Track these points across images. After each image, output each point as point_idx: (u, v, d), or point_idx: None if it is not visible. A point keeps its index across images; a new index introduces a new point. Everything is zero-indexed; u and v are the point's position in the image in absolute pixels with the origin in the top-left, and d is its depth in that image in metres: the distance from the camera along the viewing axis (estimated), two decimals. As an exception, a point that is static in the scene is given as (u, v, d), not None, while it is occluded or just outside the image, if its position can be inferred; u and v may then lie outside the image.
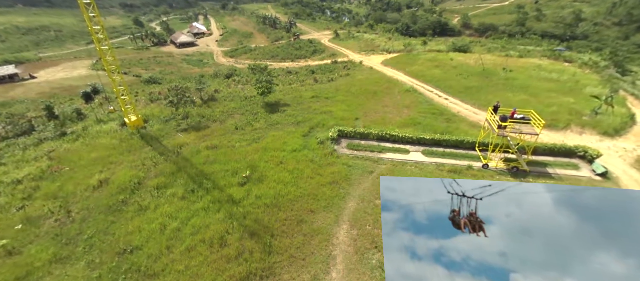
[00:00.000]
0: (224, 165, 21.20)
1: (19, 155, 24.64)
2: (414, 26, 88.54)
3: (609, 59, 46.79)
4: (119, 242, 15.16)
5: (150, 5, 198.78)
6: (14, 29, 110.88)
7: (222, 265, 13.48)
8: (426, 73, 42.82)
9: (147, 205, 17.71)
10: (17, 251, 15.06)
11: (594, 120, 27.05)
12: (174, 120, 29.69)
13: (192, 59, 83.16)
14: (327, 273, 13.12)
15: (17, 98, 47.96)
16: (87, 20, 23.48)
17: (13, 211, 17.81)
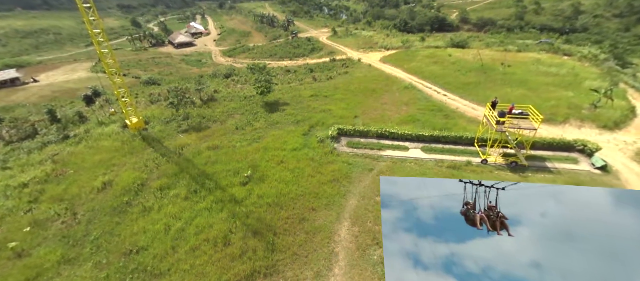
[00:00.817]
0: (226, 165, 21.47)
1: (23, 159, 24.96)
2: (412, 22, 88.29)
3: (608, 51, 46.73)
4: (125, 243, 15.47)
5: (147, 5, 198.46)
6: (13, 32, 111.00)
7: (227, 263, 13.79)
8: (425, 69, 42.91)
9: (151, 206, 18.01)
10: (27, 253, 15.40)
11: (594, 114, 27.15)
12: (175, 121, 29.94)
13: (190, 59, 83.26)
14: (329, 270, 13.41)
15: (19, 102, 48.27)
16: (87, 24, 23.66)
17: (21, 215, 18.16)
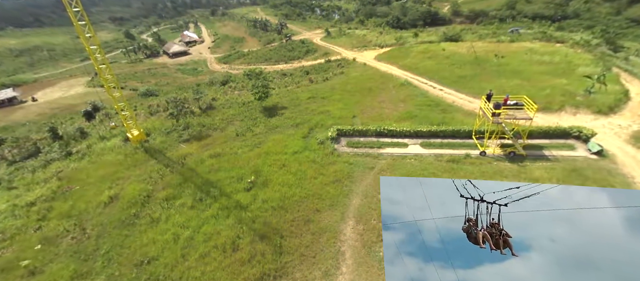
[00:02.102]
0: (229, 172, 21.78)
1: (28, 177, 25.22)
2: (404, 18, 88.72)
3: (600, 36, 47.25)
4: (135, 254, 15.77)
5: (139, 17, 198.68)
6: (7, 51, 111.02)
7: (237, 268, 14.11)
8: (419, 65, 43.32)
9: (159, 217, 18.31)
10: (40, 271, 15.68)
11: (588, 100, 27.57)
12: (176, 132, 30.23)
13: (186, 68, 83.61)
14: (337, 269, 13.75)
15: (18, 121, 48.53)
16: (84, 41, 23.93)
17: (31, 233, 18.44)
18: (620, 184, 17.65)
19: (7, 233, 18.85)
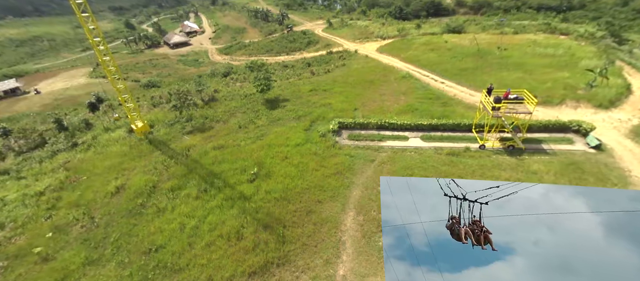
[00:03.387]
0: (232, 164, 22.22)
1: (36, 168, 25.80)
2: (407, 9, 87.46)
3: (605, 29, 46.67)
4: (143, 242, 16.38)
5: (139, 6, 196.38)
6: (8, 41, 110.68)
7: (241, 256, 14.68)
8: (421, 58, 43.16)
9: (165, 207, 18.87)
10: (52, 257, 16.34)
11: (589, 94, 27.60)
12: (179, 123, 30.60)
13: (187, 59, 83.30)
14: (338, 257, 14.29)
15: (23, 112, 48.93)
16: (88, 33, 24.06)
17: (42, 221, 19.07)
18: (617, 178, 17.99)
19: (19, 221, 19.49)
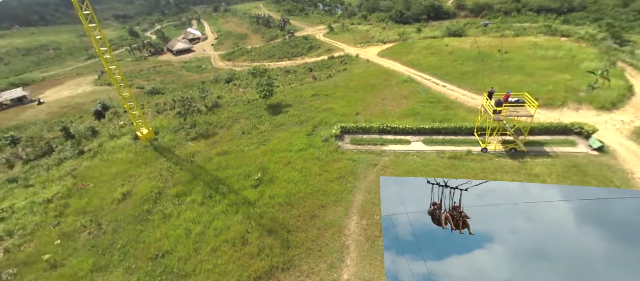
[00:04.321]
0: (236, 170, 22.49)
1: (44, 175, 26.24)
2: (407, 12, 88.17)
3: (606, 30, 46.72)
4: (150, 248, 16.61)
5: (142, 14, 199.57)
6: (14, 50, 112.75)
7: (246, 261, 14.86)
8: (422, 61, 43.43)
9: (171, 213, 19.12)
10: (60, 264, 16.61)
11: (591, 96, 27.63)
12: (183, 130, 30.99)
13: (190, 66, 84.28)
14: (342, 261, 14.42)
15: (30, 120, 49.69)
16: (94, 43, 24.62)
17: (50, 228, 19.40)
18: (620, 180, 18.01)
19: (28, 228, 19.84)
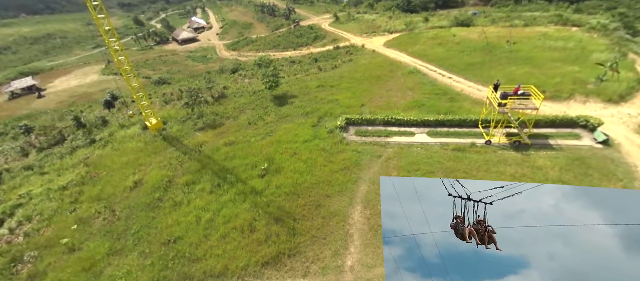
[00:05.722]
0: (243, 160, 23.04)
1: (57, 164, 27.18)
2: (414, 0, 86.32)
3: (618, 20, 45.40)
4: (162, 234, 17.40)
5: (147, 2, 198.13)
6: (22, 39, 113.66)
7: (254, 247, 15.54)
8: (429, 52, 42.97)
9: (181, 201, 19.86)
10: (78, 248, 17.54)
11: (599, 88, 27.27)
12: (191, 120, 31.56)
13: (196, 55, 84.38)
14: (346, 249, 15.01)
15: (40, 110, 50.76)
16: (103, 33, 24.96)
17: (67, 214, 20.33)
18: (623, 173, 18.11)
19: (45, 214, 20.81)
